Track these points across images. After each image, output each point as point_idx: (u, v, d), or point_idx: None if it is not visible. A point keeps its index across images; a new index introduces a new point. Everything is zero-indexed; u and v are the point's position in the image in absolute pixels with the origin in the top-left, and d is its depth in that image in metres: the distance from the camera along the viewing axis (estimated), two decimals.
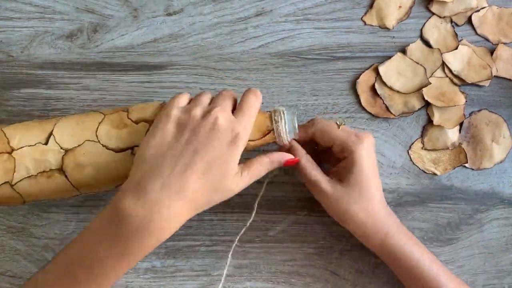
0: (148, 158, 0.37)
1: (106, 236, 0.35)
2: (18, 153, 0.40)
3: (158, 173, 0.36)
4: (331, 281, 0.49)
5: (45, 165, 0.40)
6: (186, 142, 0.37)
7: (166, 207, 0.35)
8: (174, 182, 0.36)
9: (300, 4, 0.53)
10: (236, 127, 0.38)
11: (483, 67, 0.52)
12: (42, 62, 0.51)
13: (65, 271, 0.36)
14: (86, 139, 0.40)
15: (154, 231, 0.35)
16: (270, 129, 0.42)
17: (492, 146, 0.51)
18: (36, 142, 0.40)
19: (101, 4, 0.53)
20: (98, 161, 0.40)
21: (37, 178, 0.40)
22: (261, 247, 0.49)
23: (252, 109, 0.39)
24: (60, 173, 0.40)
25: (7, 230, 0.49)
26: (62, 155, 0.40)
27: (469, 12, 0.53)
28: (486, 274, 0.49)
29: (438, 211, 0.50)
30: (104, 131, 0.41)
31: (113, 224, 0.35)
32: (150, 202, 0.35)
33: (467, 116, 0.52)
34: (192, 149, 0.36)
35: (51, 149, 0.40)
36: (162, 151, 0.37)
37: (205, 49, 0.52)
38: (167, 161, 0.36)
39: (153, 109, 0.42)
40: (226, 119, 0.37)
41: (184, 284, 0.48)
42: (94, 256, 0.35)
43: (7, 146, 0.40)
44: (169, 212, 0.35)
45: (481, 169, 0.51)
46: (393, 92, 0.51)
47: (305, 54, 0.52)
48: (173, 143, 0.37)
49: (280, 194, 0.50)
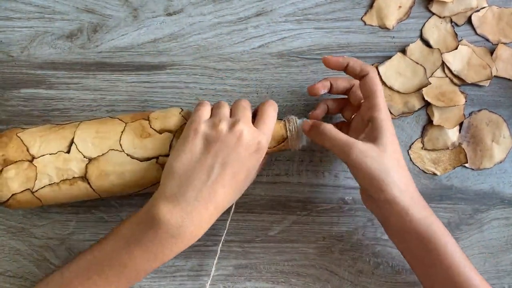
0: (180, 171, 0.39)
1: (142, 239, 0.38)
2: (39, 161, 0.40)
3: (191, 185, 0.39)
4: (331, 281, 0.49)
5: (68, 173, 0.40)
6: (215, 155, 0.39)
7: (199, 215, 0.39)
8: (206, 193, 0.39)
9: (300, 4, 0.53)
10: (258, 137, 0.41)
11: (483, 67, 0.52)
12: (42, 62, 0.51)
13: (96, 270, 0.38)
14: (110, 148, 0.41)
15: (187, 236, 0.39)
16: (285, 137, 0.44)
17: (492, 146, 0.51)
18: (58, 150, 0.41)
19: (101, 4, 0.53)
20: (123, 169, 0.41)
21: (60, 186, 0.41)
22: (261, 247, 0.49)
23: (271, 120, 0.43)
24: (83, 181, 0.41)
25: (7, 230, 0.49)
26: (86, 163, 0.41)
27: (469, 12, 0.53)
28: (486, 274, 0.49)
29: (438, 211, 0.50)
30: (128, 140, 0.41)
31: (148, 228, 0.38)
32: (186, 210, 0.38)
33: (467, 116, 0.52)
34: (220, 162, 0.39)
35: (74, 157, 0.41)
36: (193, 165, 0.39)
37: (205, 49, 0.52)
38: (198, 174, 0.39)
39: (176, 119, 0.43)
40: (249, 132, 0.40)
41: (184, 284, 0.48)
42: (128, 257, 0.38)
43: (27, 154, 0.40)
44: (200, 219, 0.39)
45: (481, 169, 0.51)
46: (393, 92, 0.51)
47: (305, 54, 0.52)
48: (203, 157, 0.39)
49: (280, 194, 0.50)
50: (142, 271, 0.39)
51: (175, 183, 0.39)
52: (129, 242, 0.38)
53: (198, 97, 0.51)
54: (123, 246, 0.38)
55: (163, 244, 0.38)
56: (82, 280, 0.39)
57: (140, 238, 0.38)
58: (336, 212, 0.50)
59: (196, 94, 0.51)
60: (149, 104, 0.51)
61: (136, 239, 0.38)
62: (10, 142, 0.41)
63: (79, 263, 0.39)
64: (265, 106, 0.44)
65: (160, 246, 0.38)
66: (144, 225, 0.38)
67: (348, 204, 0.50)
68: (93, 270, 0.39)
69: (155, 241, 0.38)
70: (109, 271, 0.38)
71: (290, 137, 0.45)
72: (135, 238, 0.38)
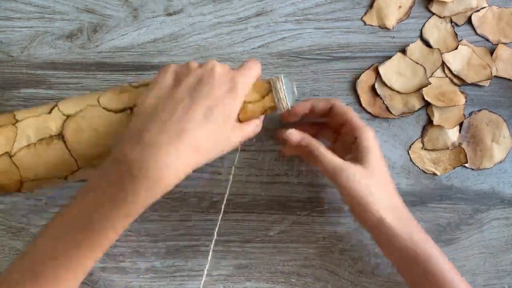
0: (147, 108, 0.37)
1: (100, 184, 0.35)
2: (21, 123, 0.41)
3: (157, 120, 0.35)
4: (331, 281, 0.49)
5: (46, 131, 0.40)
6: (185, 88, 0.37)
7: (164, 152, 0.34)
8: (173, 126, 0.35)
9: (300, 4, 0.53)
10: (235, 76, 0.38)
11: (483, 67, 0.52)
12: (42, 62, 0.51)
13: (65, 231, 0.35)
14: (88, 104, 0.41)
15: (151, 178, 0.34)
16: (269, 90, 0.42)
17: (492, 146, 0.51)
18: (41, 113, 0.42)
19: (101, 4, 0.53)
20: (98, 123, 0.40)
21: (36, 147, 0.40)
22: (261, 247, 0.49)
23: (251, 70, 0.40)
24: (59, 139, 0.40)
25: (7, 230, 0.49)
26: (64, 120, 0.41)
27: (469, 12, 0.53)
28: (486, 274, 0.49)
29: (438, 211, 0.50)
30: (106, 97, 0.42)
31: (112, 174, 0.34)
32: (147, 145, 0.34)
33: (467, 116, 0.52)
34: (190, 95, 0.36)
35: (53, 117, 0.41)
36: (160, 100, 0.37)
37: (205, 49, 0.52)
38: (165, 108, 0.36)
39: None
40: (222, 68, 0.38)
41: (184, 284, 0.48)
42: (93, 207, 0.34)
43: (12, 119, 0.41)
44: (167, 159, 0.34)
45: (481, 169, 0.51)
46: (393, 92, 0.51)
47: (305, 54, 0.52)
48: (172, 91, 0.37)
49: (280, 194, 0.50)
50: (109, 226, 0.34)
51: (139, 120, 0.36)
52: (94, 190, 0.35)
53: None
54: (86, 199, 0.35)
55: (124, 188, 0.33)
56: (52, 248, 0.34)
57: (103, 183, 0.34)
58: (336, 212, 0.50)
59: None
60: None
61: (99, 186, 0.35)
62: (2, 115, 0.42)
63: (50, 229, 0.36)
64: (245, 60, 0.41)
65: (122, 192, 0.34)
66: (107, 170, 0.35)
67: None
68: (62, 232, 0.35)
69: (115, 185, 0.34)
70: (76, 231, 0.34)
71: (275, 93, 0.41)
72: (99, 185, 0.35)
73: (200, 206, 0.49)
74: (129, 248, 0.48)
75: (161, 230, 0.49)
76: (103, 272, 0.48)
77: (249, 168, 0.50)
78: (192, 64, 0.39)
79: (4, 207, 0.49)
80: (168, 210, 0.49)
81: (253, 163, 0.50)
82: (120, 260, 0.48)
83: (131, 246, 0.48)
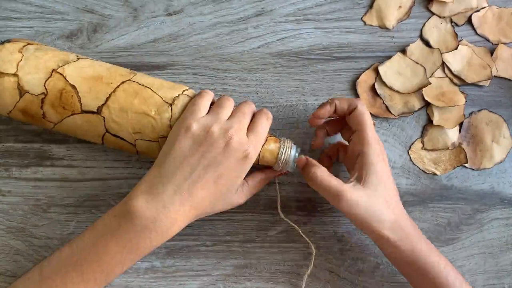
0: (163, 166, 0.40)
1: (117, 231, 0.38)
2: None
3: (172, 180, 0.39)
4: (331, 281, 0.49)
5: None
6: (201, 156, 0.40)
7: (176, 211, 0.39)
8: (185, 190, 0.39)
9: (300, 4, 0.53)
10: (248, 148, 0.41)
11: (483, 67, 0.52)
12: None
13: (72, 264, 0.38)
14: None
15: (162, 230, 0.39)
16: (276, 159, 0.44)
17: (492, 146, 0.51)
18: None
19: (101, 4, 0.53)
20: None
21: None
22: (261, 247, 0.49)
23: (263, 132, 0.43)
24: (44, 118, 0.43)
25: (7, 230, 0.49)
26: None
27: (469, 12, 0.53)
28: (486, 274, 0.49)
29: (438, 211, 0.50)
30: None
31: (124, 220, 0.38)
32: (161, 204, 0.38)
33: (467, 116, 0.52)
34: (206, 163, 0.40)
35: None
36: (178, 161, 0.40)
37: (205, 49, 0.52)
38: (181, 171, 0.39)
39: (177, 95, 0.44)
40: (239, 140, 0.40)
41: (184, 284, 0.48)
42: (103, 250, 0.38)
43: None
44: (176, 215, 0.39)
45: (481, 169, 0.51)
46: (393, 92, 0.51)
47: (305, 54, 0.52)
48: (189, 155, 0.40)
49: (280, 194, 0.50)
50: (118, 264, 0.39)
51: (156, 176, 0.39)
52: (105, 234, 0.38)
53: None
54: (99, 239, 0.38)
55: (137, 236, 0.38)
56: (59, 276, 0.38)
57: (115, 229, 0.38)
58: (336, 212, 0.50)
59: None
60: None
61: (111, 231, 0.38)
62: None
63: (58, 258, 0.39)
64: (259, 115, 0.43)
65: (135, 239, 0.38)
66: (120, 217, 0.39)
67: None
68: (70, 265, 0.38)
69: (130, 233, 0.38)
70: (85, 265, 0.38)
71: (279, 159, 0.44)
72: (110, 230, 0.39)
73: None
74: None
75: None
76: None
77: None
78: (212, 130, 0.40)
79: (4, 207, 0.49)
80: None
81: None
82: None
83: None
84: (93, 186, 0.49)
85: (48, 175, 0.49)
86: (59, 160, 0.50)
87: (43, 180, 0.49)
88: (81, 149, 0.50)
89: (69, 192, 0.49)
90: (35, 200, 0.49)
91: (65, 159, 0.50)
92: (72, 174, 0.49)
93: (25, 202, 0.49)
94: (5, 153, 0.50)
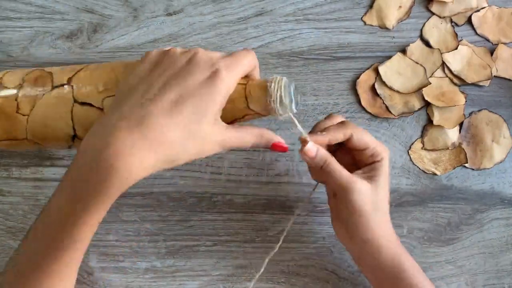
0: (118, 95, 0.34)
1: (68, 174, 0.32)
2: None
3: (122, 105, 0.32)
4: (331, 281, 0.49)
5: None
6: (158, 75, 0.33)
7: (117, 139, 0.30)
8: (135, 113, 0.31)
9: (300, 4, 0.53)
10: (217, 64, 0.33)
11: (483, 67, 0.52)
12: (42, 62, 0.51)
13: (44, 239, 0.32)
14: None
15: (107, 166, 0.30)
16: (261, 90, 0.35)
17: (492, 146, 0.51)
18: None
19: (101, 4, 0.53)
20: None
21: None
22: (261, 247, 0.49)
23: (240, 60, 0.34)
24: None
25: (7, 230, 0.49)
26: None
27: (469, 12, 0.53)
28: (486, 274, 0.49)
29: (438, 211, 0.50)
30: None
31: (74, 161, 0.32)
32: (103, 132, 0.31)
33: (467, 116, 0.52)
34: (162, 81, 0.32)
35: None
36: (128, 87, 0.33)
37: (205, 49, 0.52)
38: (133, 95, 0.32)
39: None
40: (206, 55, 0.33)
41: (184, 284, 0.48)
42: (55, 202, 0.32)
43: None
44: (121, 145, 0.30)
45: (481, 169, 0.51)
46: (393, 92, 0.51)
47: (305, 54, 0.52)
48: (145, 77, 0.33)
49: (280, 194, 0.50)
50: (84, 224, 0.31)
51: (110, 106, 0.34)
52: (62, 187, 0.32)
53: None
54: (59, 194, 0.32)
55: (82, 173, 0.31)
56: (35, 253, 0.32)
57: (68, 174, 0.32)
58: None
59: None
60: None
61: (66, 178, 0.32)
62: None
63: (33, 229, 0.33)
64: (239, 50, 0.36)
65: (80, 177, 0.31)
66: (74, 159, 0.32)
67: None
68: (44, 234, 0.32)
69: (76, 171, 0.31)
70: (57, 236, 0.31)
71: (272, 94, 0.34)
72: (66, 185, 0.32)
73: (200, 206, 0.49)
74: (129, 248, 0.48)
75: (161, 230, 0.49)
76: (103, 272, 0.48)
77: (249, 168, 0.50)
78: (174, 49, 0.34)
79: (4, 207, 0.49)
80: (168, 210, 0.49)
81: (253, 163, 0.50)
82: (120, 260, 0.48)
83: (131, 246, 0.48)
84: None
85: (48, 175, 0.49)
86: (59, 160, 0.50)
87: (43, 180, 0.49)
88: None
89: None
90: (35, 200, 0.49)
91: (65, 159, 0.50)
92: None
93: (25, 202, 0.49)
94: (5, 153, 0.50)
